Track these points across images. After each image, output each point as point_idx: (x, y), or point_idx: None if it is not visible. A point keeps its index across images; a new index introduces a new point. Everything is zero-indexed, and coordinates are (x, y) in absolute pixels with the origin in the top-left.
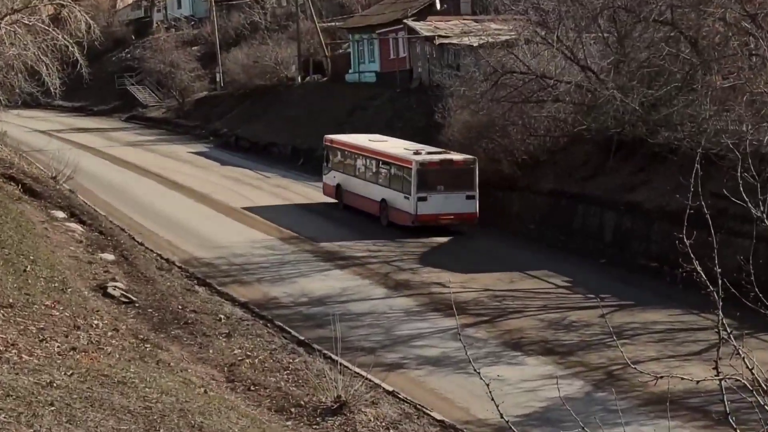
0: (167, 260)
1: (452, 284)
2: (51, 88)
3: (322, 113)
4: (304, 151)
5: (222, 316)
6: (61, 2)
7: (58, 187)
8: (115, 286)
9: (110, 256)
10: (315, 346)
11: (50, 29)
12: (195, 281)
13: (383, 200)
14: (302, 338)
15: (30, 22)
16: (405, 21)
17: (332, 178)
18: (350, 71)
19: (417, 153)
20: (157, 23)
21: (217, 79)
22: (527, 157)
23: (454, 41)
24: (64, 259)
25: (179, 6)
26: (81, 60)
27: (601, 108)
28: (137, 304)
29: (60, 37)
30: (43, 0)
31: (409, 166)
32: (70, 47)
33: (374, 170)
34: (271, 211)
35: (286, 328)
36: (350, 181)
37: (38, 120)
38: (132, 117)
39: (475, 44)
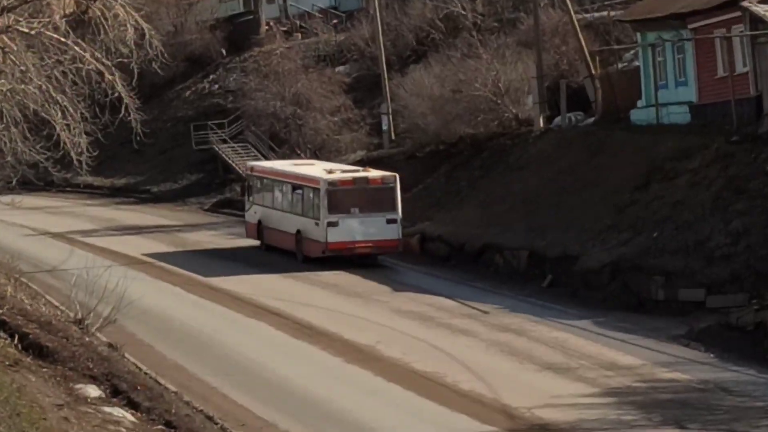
0: None
1: None
2: (72, 154)
3: (586, 187)
4: (552, 261)
5: None
6: None
7: (87, 339)
8: None
9: None
10: None
11: (69, 42)
12: None
13: (298, 231)
14: None
15: (33, 29)
16: (745, 3)
17: (253, 214)
18: (639, 104)
19: (329, 172)
20: (269, 24)
21: (383, 127)
22: None
23: None
24: None
25: None
26: (127, 98)
27: None
28: None
29: (88, 56)
30: None
31: (318, 187)
32: (106, 75)
33: (290, 198)
34: (494, 379)
35: None
36: (270, 215)
37: (50, 212)
38: (224, 203)
39: None
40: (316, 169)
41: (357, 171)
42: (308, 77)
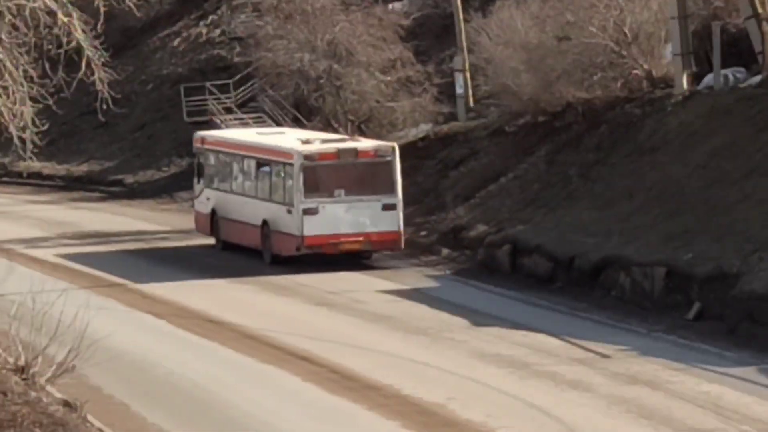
0: None
1: None
2: (12, 129)
3: (750, 176)
4: (700, 283)
5: None
6: None
7: (34, 395)
8: None
9: None
10: None
11: None
12: None
13: (265, 223)
14: None
15: None
16: None
17: (206, 201)
18: None
19: (305, 142)
20: None
21: (458, 90)
22: None
23: None
24: None
25: None
26: (90, 50)
27: None
28: None
29: None
30: None
31: (290, 161)
32: (60, 16)
33: (254, 178)
34: None
35: None
36: (228, 201)
37: None
38: None
39: None
40: (288, 138)
41: (343, 140)
42: (350, 19)
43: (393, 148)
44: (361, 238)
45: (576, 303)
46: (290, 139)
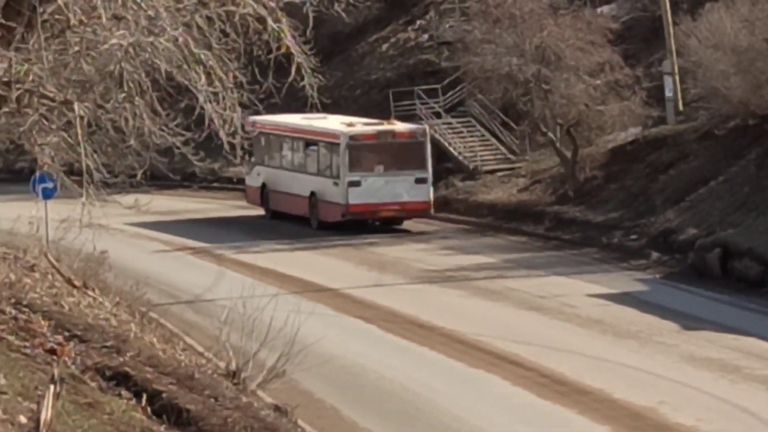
0: None
1: None
2: (222, 135)
3: None
4: None
5: None
6: None
7: (245, 399)
8: None
9: None
10: None
11: None
12: None
13: (312, 194)
14: None
15: None
16: None
17: (256, 176)
18: None
19: (350, 125)
20: None
21: (667, 93)
22: None
23: None
24: None
25: None
26: (300, 55)
27: None
28: None
29: None
30: None
31: (337, 142)
32: (270, 22)
33: (302, 155)
34: None
35: None
36: (277, 176)
37: (190, 219)
38: (439, 203)
39: None
40: (333, 122)
41: (381, 123)
42: (558, 22)
43: (425, 131)
44: (396, 207)
45: None
46: (335, 122)
